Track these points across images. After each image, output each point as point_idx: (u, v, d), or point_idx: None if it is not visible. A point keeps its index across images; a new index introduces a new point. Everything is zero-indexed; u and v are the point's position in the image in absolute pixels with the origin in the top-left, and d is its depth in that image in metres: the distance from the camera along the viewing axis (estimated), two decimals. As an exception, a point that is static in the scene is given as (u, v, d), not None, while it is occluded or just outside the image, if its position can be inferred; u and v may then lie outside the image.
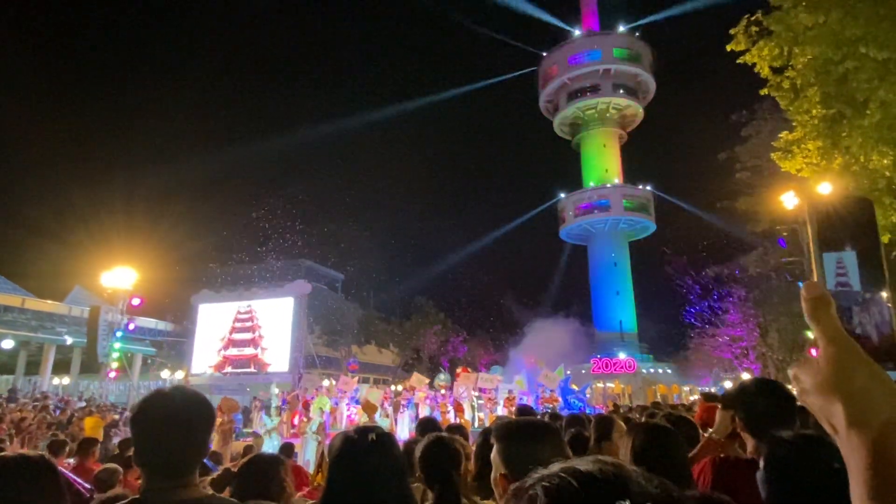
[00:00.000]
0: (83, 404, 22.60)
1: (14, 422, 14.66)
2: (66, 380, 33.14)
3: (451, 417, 17.96)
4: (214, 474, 2.90)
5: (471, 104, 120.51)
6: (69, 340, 31.43)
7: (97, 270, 19.41)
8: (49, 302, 33.00)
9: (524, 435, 1.56)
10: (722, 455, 2.06)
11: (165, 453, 1.47)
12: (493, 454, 1.54)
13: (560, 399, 20.38)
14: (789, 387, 2.03)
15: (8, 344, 30.35)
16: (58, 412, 18.79)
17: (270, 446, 12.98)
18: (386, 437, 1.78)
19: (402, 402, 18.72)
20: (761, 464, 1.46)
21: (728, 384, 36.60)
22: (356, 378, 23.49)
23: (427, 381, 22.83)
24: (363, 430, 1.78)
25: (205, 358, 28.82)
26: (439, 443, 2.25)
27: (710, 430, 2.51)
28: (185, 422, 1.50)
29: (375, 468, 1.70)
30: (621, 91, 56.81)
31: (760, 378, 2.07)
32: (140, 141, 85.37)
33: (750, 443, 1.92)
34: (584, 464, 0.59)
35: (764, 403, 1.88)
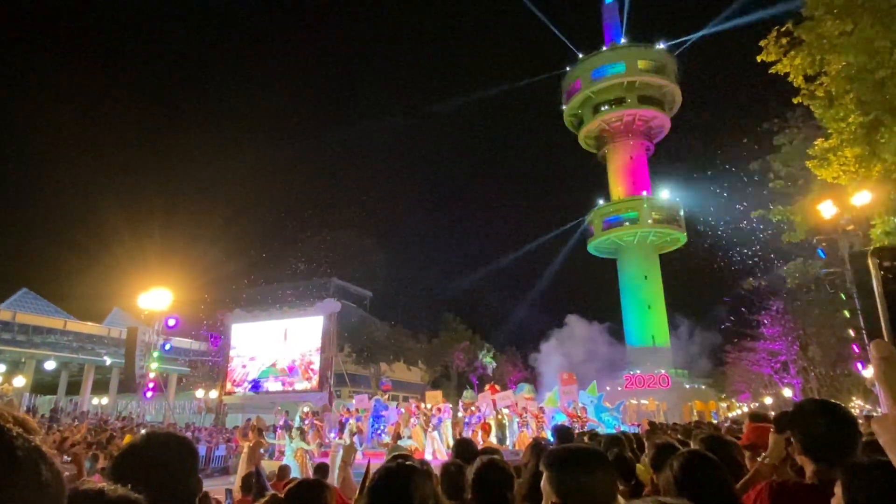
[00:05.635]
0: (120, 424, 23.11)
1: (56, 443, 15.05)
2: (105, 399, 34.03)
3: (480, 438, 17.68)
4: (262, 500, 2.93)
5: (498, 118, 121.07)
6: (108, 361, 32.35)
7: (134, 292, 19.94)
8: (89, 324, 34.05)
9: (575, 463, 1.54)
10: (778, 480, 1.97)
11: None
12: (544, 482, 1.51)
13: (588, 418, 19.86)
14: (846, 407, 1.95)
15: (50, 365, 31.39)
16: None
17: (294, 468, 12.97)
18: (421, 466, 1.81)
19: (433, 422, 18.57)
20: (839, 492, 1.39)
21: (769, 400, 35.33)
22: (376, 396, 23.38)
23: (440, 393, 22.74)
24: (401, 457, 1.82)
25: (238, 377, 29.24)
26: (493, 465, 2.26)
27: (764, 453, 2.41)
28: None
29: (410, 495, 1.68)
30: (647, 103, 56.32)
31: (818, 399, 1.98)
32: (175, 168, 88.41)
33: (809, 467, 1.83)
34: None
35: (825, 426, 1.79)
